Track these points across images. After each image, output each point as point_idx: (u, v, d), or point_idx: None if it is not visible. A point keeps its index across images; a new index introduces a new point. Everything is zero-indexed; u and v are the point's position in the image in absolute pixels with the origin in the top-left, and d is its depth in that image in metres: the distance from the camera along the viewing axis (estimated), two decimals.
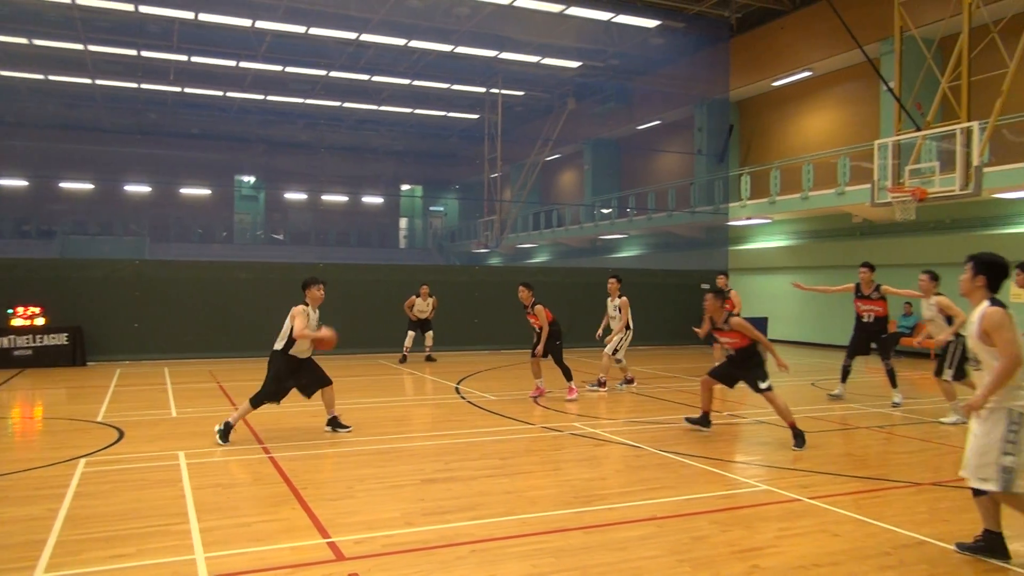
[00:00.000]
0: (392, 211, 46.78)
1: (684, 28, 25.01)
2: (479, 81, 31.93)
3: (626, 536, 5.15)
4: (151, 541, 4.96)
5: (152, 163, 36.45)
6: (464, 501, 5.96)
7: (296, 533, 5.15)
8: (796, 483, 6.64)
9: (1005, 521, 4.85)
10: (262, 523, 5.37)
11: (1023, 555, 4.92)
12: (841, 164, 20.51)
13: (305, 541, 4.99)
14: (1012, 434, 4.52)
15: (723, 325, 8.37)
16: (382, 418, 9.70)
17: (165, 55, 27.17)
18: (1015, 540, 5.25)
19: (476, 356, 17.75)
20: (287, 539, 5.03)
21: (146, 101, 33.67)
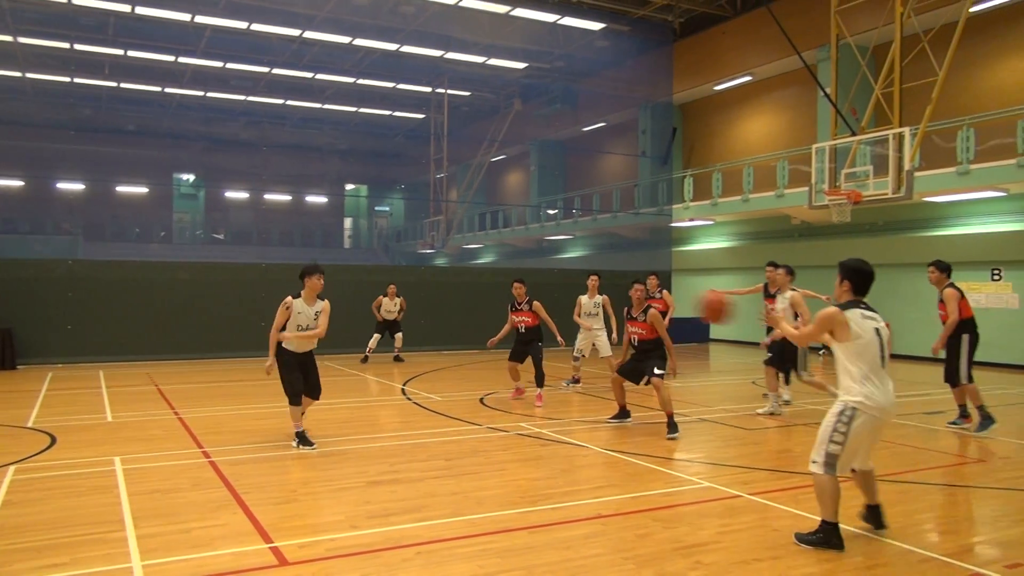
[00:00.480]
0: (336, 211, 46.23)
1: (628, 31, 25.32)
2: (425, 81, 31.79)
3: (571, 535, 5.18)
4: (85, 550, 4.81)
5: (86, 160, 35.27)
6: (410, 503, 5.92)
7: (237, 538, 5.05)
8: (737, 480, 6.78)
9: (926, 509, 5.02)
10: (202, 529, 5.24)
11: (944, 547, 5.11)
12: (780, 167, 21.01)
13: (247, 546, 4.90)
14: (842, 424, 4.88)
15: (639, 315, 8.92)
16: (326, 420, 9.57)
17: (100, 48, 26.37)
18: (957, 536, 5.45)
19: (422, 357, 17.66)
20: (228, 545, 4.93)
21: (80, 96, 32.58)
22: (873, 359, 4.91)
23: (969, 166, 16.37)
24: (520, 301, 10.97)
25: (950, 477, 7.06)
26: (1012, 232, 17.02)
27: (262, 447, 7.95)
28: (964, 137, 16.54)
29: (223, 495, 6.08)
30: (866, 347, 4.90)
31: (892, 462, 7.47)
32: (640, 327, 8.93)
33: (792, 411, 10.55)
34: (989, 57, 18.60)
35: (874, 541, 5.11)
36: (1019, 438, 8.93)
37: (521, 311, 10.97)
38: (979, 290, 17.60)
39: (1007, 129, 16.17)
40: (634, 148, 29.42)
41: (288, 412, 7.99)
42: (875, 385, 4.88)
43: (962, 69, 18.00)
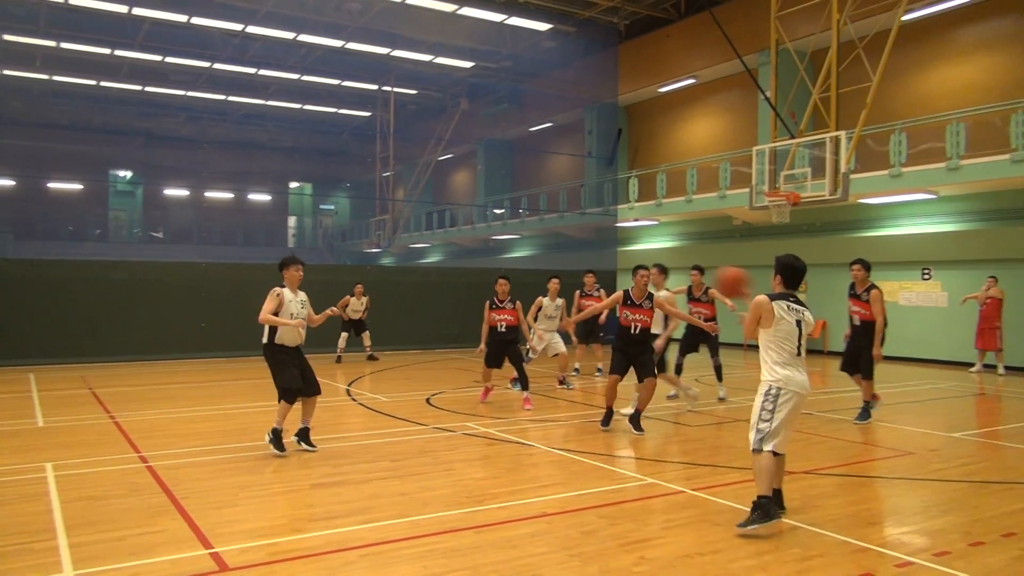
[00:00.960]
0: (280, 209, 45.53)
1: (575, 33, 25.51)
2: (371, 78, 31.53)
3: (517, 534, 5.19)
4: (14, 560, 4.63)
5: (16, 155, 34.02)
6: (354, 505, 5.86)
7: (176, 545, 4.93)
8: (680, 475, 6.88)
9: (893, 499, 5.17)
10: (138, 536, 5.10)
11: (877, 537, 5.28)
12: (723, 169, 21.41)
13: (185, 553, 4.78)
14: (768, 403, 5.36)
15: (644, 302, 8.69)
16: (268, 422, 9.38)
17: (30, 39, 25.44)
18: (889, 526, 5.63)
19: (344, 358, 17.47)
20: (166, 551, 4.80)
21: (10, 88, 31.40)
22: (792, 347, 5.37)
23: (901, 169, 16.92)
24: (503, 299, 10.54)
25: (882, 470, 7.29)
26: (941, 233, 17.66)
27: (202, 451, 7.78)
28: (897, 141, 17.10)
29: (161, 501, 5.93)
30: (787, 335, 5.37)
31: (828, 456, 7.68)
32: (644, 313, 8.64)
33: (734, 407, 10.76)
34: (920, 64, 19.26)
35: (811, 533, 5.25)
36: (947, 431, 9.27)
37: (504, 309, 10.56)
38: (910, 289, 18.22)
39: (937, 134, 16.77)
40: (580, 148, 29.65)
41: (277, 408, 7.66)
42: (793, 369, 5.36)
43: (895, 76, 18.59)
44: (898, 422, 9.80)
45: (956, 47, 18.74)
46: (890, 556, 4.82)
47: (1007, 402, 12.38)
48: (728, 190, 21.09)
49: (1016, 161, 14.99)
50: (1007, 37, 17.75)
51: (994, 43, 17.98)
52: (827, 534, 5.24)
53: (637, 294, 8.74)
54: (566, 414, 10.21)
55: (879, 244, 18.55)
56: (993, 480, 6.86)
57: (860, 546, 5.02)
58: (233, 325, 17.47)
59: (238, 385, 13.23)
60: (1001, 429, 9.91)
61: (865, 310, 9.56)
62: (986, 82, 17.99)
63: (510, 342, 10.53)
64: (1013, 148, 15.09)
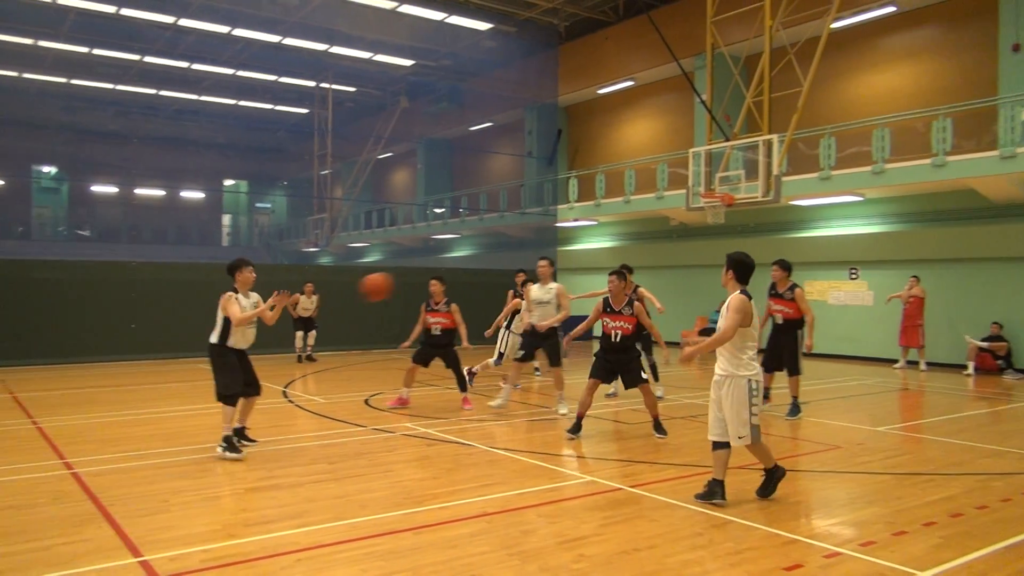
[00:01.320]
0: (214, 207, 44.43)
1: (515, 33, 25.58)
2: (308, 75, 31.05)
3: (457, 534, 5.19)
4: None
5: None
6: (290, 509, 5.76)
7: (103, 554, 4.77)
8: (618, 473, 6.97)
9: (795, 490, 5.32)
10: (64, 545, 4.92)
11: (806, 529, 5.44)
12: (660, 170, 21.75)
13: (113, 562, 4.63)
14: (755, 397, 5.77)
15: (624, 309, 8.41)
16: (201, 426, 9.19)
17: None
18: (817, 518, 5.80)
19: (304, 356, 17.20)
20: (92, 561, 4.64)
21: None
22: (755, 341, 5.83)
23: (830, 172, 17.47)
24: (437, 301, 10.23)
25: (811, 464, 7.51)
26: (868, 234, 18.29)
27: (130, 456, 7.54)
28: (826, 145, 17.64)
29: (87, 509, 5.73)
30: (754, 329, 5.81)
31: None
32: (625, 320, 8.37)
33: (671, 405, 10.94)
34: (848, 71, 19.90)
35: (743, 527, 5.38)
36: (872, 425, 9.60)
37: (439, 312, 10.22)
38: (839, 288, 18.81)
39: (864, 138, 17.36)
40: (520, 148, 29.75)
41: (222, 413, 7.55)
42: (757, 362, 5.85)
43: (825, 81, 19.17)
44: (826, 417, 10.12)
45: (882, 55, 19.43)
46: (819, 547, 4.97)
47: (929, 396, 12.90)
48: (665, 191, 21.43)
49: (937, 166, 15.62)
50: (930, 46, 18.49)
51: (918, 52, 18.71)
52: (758, 527, 5.37)
53: (615, 301, 8.46)
54: (506, 413, 10.22)
55: (809, 245, 19.12)
56: (915, 472, 7.14)
57: (790, 538, 5.16)
58: (165, 326, 17.01)
59: (170, 388, 12.87)
60: (923, 423, 10.32)
61: (790, 308, 9.96)
62: (910, 89, 18.71)
63: (444, 347, 10.24)
64: (934, 153, 15.72)
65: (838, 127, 18.13)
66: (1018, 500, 6.14)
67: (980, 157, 15.21)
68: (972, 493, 6.34)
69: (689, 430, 9.19)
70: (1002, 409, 11.49)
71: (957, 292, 16.72)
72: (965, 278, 16.63)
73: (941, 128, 15.71)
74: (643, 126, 26.06)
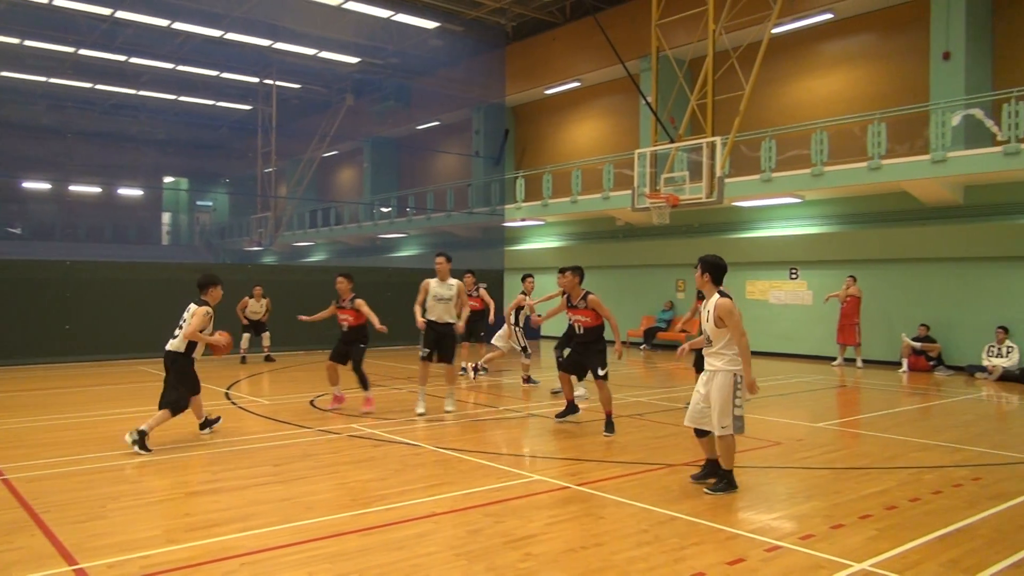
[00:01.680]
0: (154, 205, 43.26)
1: (462, 32, 25.52)
2: (251, 70, 30.47)
3: (404, 535, 5.16)
4: None
5: None
6: (234, 512, 5.66)
7: (35, 563, 4.61)
8: (565, 471, 7.02)
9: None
10: None
11: (748, 524, 5.56)
12: (606, 171, 21.96)
13: (46, 571, 4.48)
14: (739, 390, 6.09)
15: (579, 303, 8.86)
16: None
17: None
18: (759, 513, 5.93)
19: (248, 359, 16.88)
20: (24, 570, 4.48)
21: None
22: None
23: (771, 174, 17.87)
24: (344, 298, 10.13)
25: (752, 459, 7.67)
26: (807, 235, 18.76)
27: (65, 461, 7.30)
28: (767, 148, 18.04)
29: (18, 516, 5.53)
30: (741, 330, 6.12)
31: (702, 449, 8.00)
32: (582, 314, 8.85)
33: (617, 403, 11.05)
34: (789, 76, 20.39)
35: (687, 523, 5.47)
36: (811, 421, 9.86)
37: (344, 308, 10.14)
38: (779, 288, 19.26)
39: (803, 141, 17.82)
40: (468, 148, 29.70)
41: (157, 416, 7.82)
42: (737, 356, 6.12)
43: (766, 85, 19.61)
44: (766, 414, 10.35)
45: (821, 61, 19.96)
46: (760, 541, 5.09)
47: (865, 393, 13.30)
48: (611, 192, 21.65)
49: (872, 169, 16.12)
50: (866, 53, 19.06)
51: (854, 58, 19.27)
52: (702, 523, 5.47)
53: (572, 296, 8.97)
54: (454, 413, 10.20)
55: (751, 245, 19.53)
56: (852, 466, 7.36)
57: (733, 533, 5.27)
58: (102, 327, 16.52)
59: (107, 390, 12.51)
60: (860, 418, 10.63)
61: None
62: (847, 94, 19.26)
63: (350, 343, 10.13)
64: (869, 157, 16.21)
65: (778, 130, 18.56)
66: (948, 492, 6.38)
67: (913, 161, 15.75)
68: (906, 486, 6.56)
69: (635, 428, 9.30)
70: (934, 404, 11.92)
71: (892, 292, 17.28)
72: (899, 278, 17.20)
73: (876, 132, 16.22)
74: (590, 127, 26.27)
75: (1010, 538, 5.21)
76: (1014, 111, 14.29)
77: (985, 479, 6.86)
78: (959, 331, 16.01)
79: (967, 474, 7.04)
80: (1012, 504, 6.04)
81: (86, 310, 16.48)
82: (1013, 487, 6.57)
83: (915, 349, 15.89)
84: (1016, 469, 7.30)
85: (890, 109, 16.93)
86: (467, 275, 14.00)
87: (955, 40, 16.34)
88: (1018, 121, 14.23)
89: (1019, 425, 10.28)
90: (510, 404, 11.07)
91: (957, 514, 5.73)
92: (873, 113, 16.70)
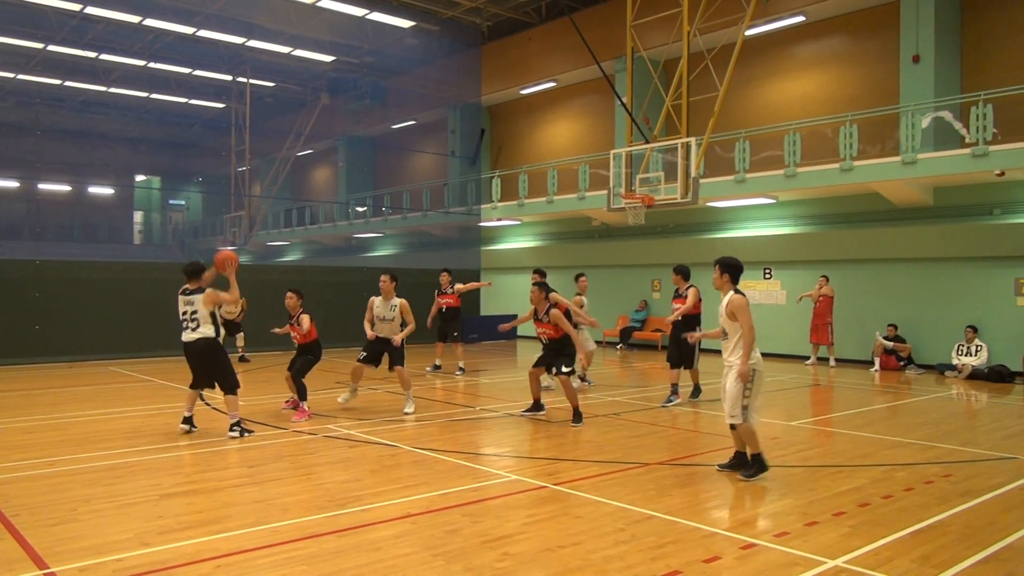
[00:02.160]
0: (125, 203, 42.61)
1: (438, 31, 25.46)
2: (225, 68, 30.13)
3: (381, 536, 5.14)
4: None
5: None
6: (207, 514, 5.60)
7: (5, 567, 4.53)
8: (542, 471, 7.03)
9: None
10: None
11: (725, 522, 5.61)
12: (582, 171, 22.02)
13: (16, 575, 4.40)
14: (749, 385, 6.61)
15: (543, 317, 9.45)
16: (112, 431, 8.83)
17: None
18: (735, 511, 5.97)
19: None
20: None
21: None
22: (754, 334, 6.67)
23: (745, 175, 18.02)
24: (292, 314, 10.10)
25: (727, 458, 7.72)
26: (780, 236, 18.95)
27: (36, 463, 7.18)
28: (741, 148, 18.19)
29: None
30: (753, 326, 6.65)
31: (680, 448, 8.07)
32: (545, 328, 9.50)
33: (594, 403, 11.09)
34: (763, 77, 20.57)
35: (665, 521, 5.50)
36: (785, 420, 9.96)
37: (293, 325, 10.09)
38: (753, 288, 19.42)
39: (776, 143, 17.99)
40: (444, 148, 29.62)
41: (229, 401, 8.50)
42: (756, 350, 6.68)
43: (740, 87, 19.77)
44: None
45: (794, 63, 20.16)
46: (736, 539, 5.13)
47: (838, 392, 13.46)
48: (587, 192, 21.70)
49: (844, 170, 16.31)
50: (839, 55, 19.28)
51: (828, 60, 19.48)
52: (679, 521, 5.51)
53: (537, 309, 9.58)
54: (430, 413, 10.18)
55: (725, 245, 19.66)
56: (826, 464, 7.44)
57: (709, 531, 5.31)
58: (72, 327, 16.27)
59: (77, 391, 12.31)
60: (833, 417, 10.76)
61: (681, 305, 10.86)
62: (820, 95, 19.48)
63: (300, 355, 10.10)
64: (841, 158, 16.41)
65: (752, 131, 18.72)
66: (920, 489, 6.48)
67: (884, 162, 15.96)
68: (878, 483, 6.65)
69: (612, 428, 9.34)
70: (905, 403, 12.09)
71: (864, 291, 17.49)
72: (871, 278, 17.42)
73: (848, 134, 16.41)
74: (565, 127, 26.33)
75: (980, 534, 5.30)
76: (981, 114, 14.53)
77: (955, 476, 6.97)
78: (929, 330, 16.26)
79: (938, 471, 7.16)
80: (982, 500, 6.15)
81: (57, 310, 16.21)
82: (982, 484, 6.68)
83: (887, 349, 16.10)
84: (985, 466, 7.43)
85: (861, 111, 17.15)
86: (443, 273, 13.99)
87: (924, 43, 16.59)
88: (986, 124, 14.47)
89: (988, 423, 10.46)
90: (487, 404, 11.06)
91: (928, 510, 5.81)
92: (845, 115, 16.90)
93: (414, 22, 24.46)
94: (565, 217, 23.71)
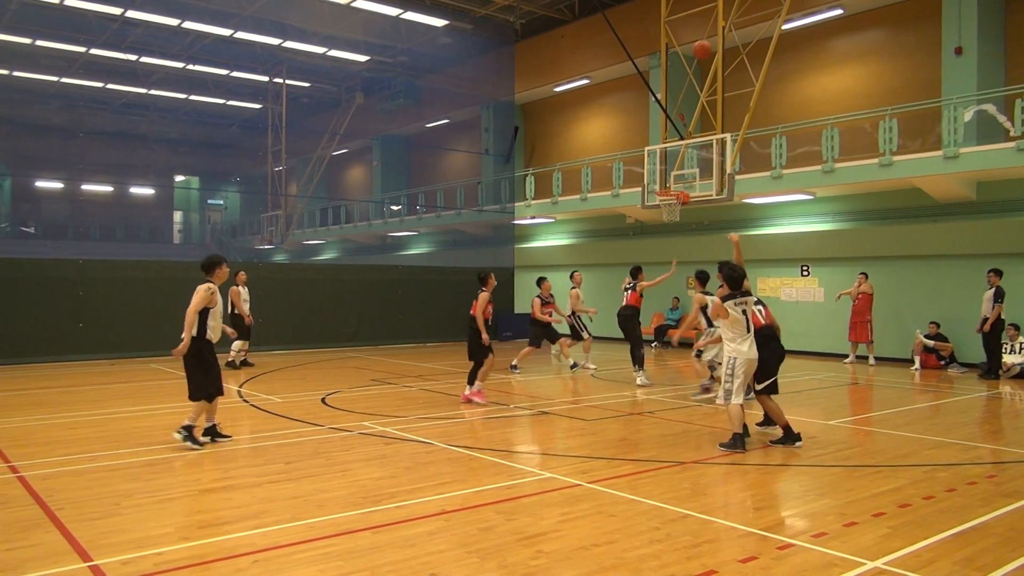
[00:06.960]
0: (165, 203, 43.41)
1: (471, 30, 25.51)
2: (261, 69, 30.56)
3: (415, 532, 5.17)
4: None
5: None
6: (245, 510, 5.68)
7: (51, 559, 4.64)
8: (576, 469, 7.01)
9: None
10: (8, 551, 4.78)
11: (761, 522, 5.54)
12: (616, 168, 21.91)
13: (62, 567, 4.51)
14: (729, 370, 7.74)
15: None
16: (152, 427, 9.00)
17: None
18: (772, 511, 5.89)
19: (260, 357, 16.94)
20: (40, 567, 4.52)
21: None
22: (741, 329, 7.70)
23: (782, 171, 17.78)
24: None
25: (764, 457, 7.65)
26: (818, 232, 18.67)
27: (79, 458, 7.35)
28: (777, 144, 17.95)
29: (34, 513, 5.57)
30: (735, 322, 7.70)
31: (714, 446, 7.99)
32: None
33: (626, 402, 11.04)
34: (799, 72, 20.28)
35: (700, 520, 5.45)
36: (824, 419, 9.82)
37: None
38: (791, 285, 19.17)
39: (814, 138, 17.71)
40: (477, 146, 29.69)
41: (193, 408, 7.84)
42: (742, 343, 7.69)
43: (776, 82, 19.51)
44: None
45: (831, 57, 19.84)
46: (773, 539, 5.06)
47: (877, 391, 13.23)
48: (621, 189, 21.59)
49: (884, 165, 16.01)
50: (876, 49, 18.93)
51: (865, 54, 19.14)
52: (715, 520, 5.46)
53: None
54: (466, 411, 10.22)
55: (762, 242, 19.44)
56: (865, 464, 7.32)
57: (746, 531, 5.25)
58: (114, 325, 16.62)
59: (119, 388, 12.57)
60: (872, 416, 10.58)
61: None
62: (858, 90, 19.14)
63: None
64: (881, 153, 16.11)
65: (789, 127, 18.46)
66: (963, 490, 6.34)
67: (925, 157, 15.63)
68: (919, 484, 6.52)
69: (646, 426, 9.29)
70: (946, 402, 11.85)
71: (904, 289, 17.17)
72: (911, 275, 17.09)
73: (887, 128, 16.10)
74: (599, 124, 26.21)
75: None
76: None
77: (999, 477, 6.81)
78: (972, 328, 15.89)
79: (981, 472, 7.00)
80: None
81: (99, 308, 16.57)
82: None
83: (928, 347, 15.78)
84: None
85: (901, 105, 16.81)
86: (545, 282, 15.02)
87: (967, 35, 16.21)
88: None
89: None
90: (519, 402, 11.07)
91: (971, 512, 5.69)
92: (884, 109, 16.59)
93: (447, 21, 24.55)
94: (599, 215, 23.61)
